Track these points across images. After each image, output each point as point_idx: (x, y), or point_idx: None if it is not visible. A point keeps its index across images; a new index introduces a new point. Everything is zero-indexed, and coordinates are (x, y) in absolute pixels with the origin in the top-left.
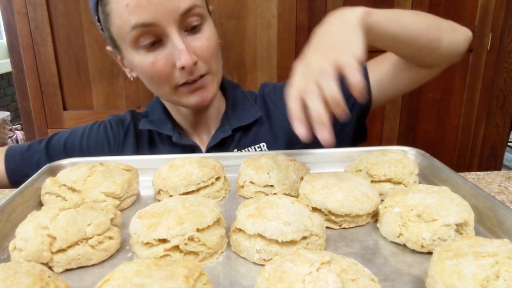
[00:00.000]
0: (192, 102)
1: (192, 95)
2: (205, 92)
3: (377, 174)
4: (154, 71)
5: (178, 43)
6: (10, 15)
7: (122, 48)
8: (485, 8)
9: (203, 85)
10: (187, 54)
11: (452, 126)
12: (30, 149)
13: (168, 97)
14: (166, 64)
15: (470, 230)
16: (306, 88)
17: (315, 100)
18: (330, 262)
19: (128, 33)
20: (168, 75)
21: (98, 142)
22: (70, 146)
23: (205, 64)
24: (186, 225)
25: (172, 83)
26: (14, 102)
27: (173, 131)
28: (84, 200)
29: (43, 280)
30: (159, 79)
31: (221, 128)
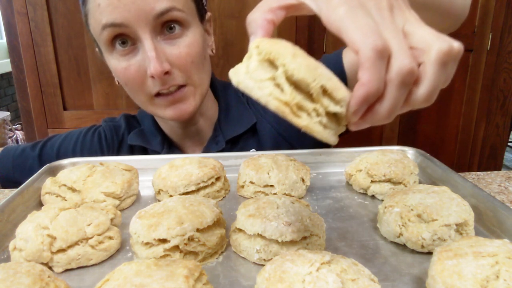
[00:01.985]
0: (169, 115)
1: (169, 108)
2: (184, 105)
3: (377, 174)
4: (128, 77)
5: (148, 49)
6: (10, 15)
7: (102, 51)
8: (485, 8)
9: (181, 97)
10: (156, 62)
11: (452, 126)
12: (23, 154)
13: (145, 107)
14: (139, 70)
15: (470, 230)
16: (401, 62)
17: (405, 89)
18: (330, 262)
19: (100, 33)
20: (141, 83)
21: (91, 150)
22: (63, 154)
23: (182, 74)
24: (186, 225)
25: (146, 92)
26: (14, 102)
27: (162, 145)
28: (84, 200)
29: (43, 280)
30: (133, 86)
31: (214, 139)
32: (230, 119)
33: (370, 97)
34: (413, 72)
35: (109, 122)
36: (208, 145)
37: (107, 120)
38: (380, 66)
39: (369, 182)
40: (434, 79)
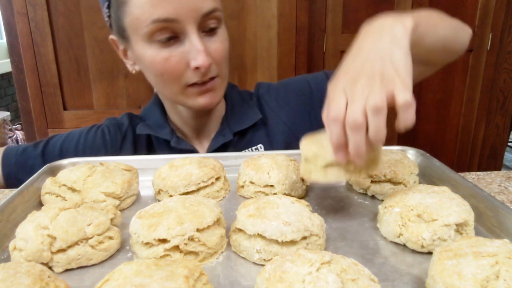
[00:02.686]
0: (200, 104)
1: (201, 96)
2: (213, 94)
3: (377, 174)
4: (166, 67)
5: (197, 43)
6: (10, 15)
7: (132, 39)
8: (485, 8)
9: (212, 87)
10: (205, 55)
11: (452, 126)
12: (24, 153)
13: (174, 97)
14: (180, 61)
15: (470, 230)
16: (351, 117)
17: (359, 134)
18: (330, 262)
19: (147, 25)
20: (180, 73)
21: (94, 147)
22: (65, 152)
23: (217, 67)
24: (186, 225)
25: (182, 82)
26: (14, 102)
27: (171, 135)
28: (84, 200)
29: (43, 280)
30: (170, 76)
31: (221, 132)
32: (236, 115)
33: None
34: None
35: (112, 120)
36: (216, 138)
37: (109, 119)
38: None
39: (369, 182)
40: (371, 125)
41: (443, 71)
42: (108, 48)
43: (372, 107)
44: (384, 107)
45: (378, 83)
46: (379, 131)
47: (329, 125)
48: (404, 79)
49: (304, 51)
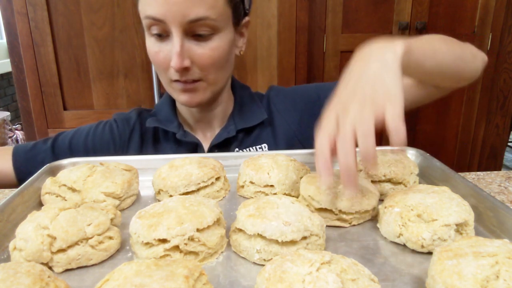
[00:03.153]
0: (181, 100)
1: (182, 94)
2: (194, 95)
3: (377, 174)
4: (156, 60)
5: (176, 45)
6: (10, 15)
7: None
8: (485, 8)
9: (193, 88)
10: (178, 58)
11: (452, 126)
12: (34, 148)
13: (166, 87)
14: (166, 58)
15: (470, 230)
16: (341, 136)
17: (348, 154)
18: (330, 262)
19: (143, 19)
20: (165, 68)
21: (103, 141)
22: (75, 146)
23: (200, 71)
24: (186, 225)
25: (167, 76)
26: (14, 102)
27: (178, 128)
28: (84, 200)
29: (43, 280)
30: (159, 68)
31: (226, 128)
32: (243, 113)
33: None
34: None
35: (120, 115)
36: (220, 133)
37: (118, 114)
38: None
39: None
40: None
41: None
42: (108, 48)
43: (361, 133)
44: (371, 133)
45: (368, 108)
46: (368, 151)
47: (318, 138)
48: (394, 103)
49: (304, 51)
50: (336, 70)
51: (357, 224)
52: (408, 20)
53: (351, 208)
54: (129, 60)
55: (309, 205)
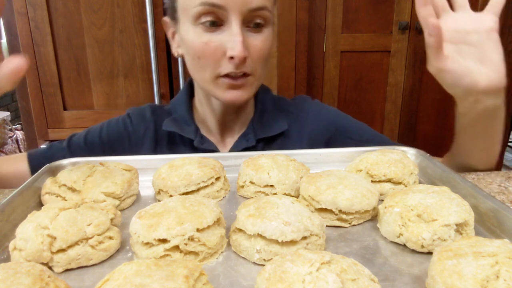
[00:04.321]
0: (227, 97)
1: (229, 90)
2: (242, 91)
3: (377, 174)
4: (204, 51)
5: (237, 33)
6: (10, 15)
7: (180, 20)
8: None
9: (243, 84)
10: (242, 46)
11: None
12: (51, 148)
13: (206, 84)
14: (218, 48)
15: (470, 230)
16: None
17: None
18: (330, 262)
19: (194, 7)
20: (216, 60)
21: (119, 135)
22: (90, 143)
23: (253, 64)
24: (186, 225)
25: (215, 71)
26: (14, 102)
27: (195, 134)
28: (84, 200)
29: (43, 280)
30: (206, 61)
31: (245, 136)
32: (264, 121)
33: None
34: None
35: (135, 110)
36: (239, 140)
37: (132, 109)
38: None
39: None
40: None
41: None
42: (108, 48)
43: None
44: None
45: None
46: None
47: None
48: None
49: (304, 50)
50: (336, 70)
51: (357, 224)
52: (408, 20)
53: (351, 208)
54: (129, 60)
55: (309, 205)
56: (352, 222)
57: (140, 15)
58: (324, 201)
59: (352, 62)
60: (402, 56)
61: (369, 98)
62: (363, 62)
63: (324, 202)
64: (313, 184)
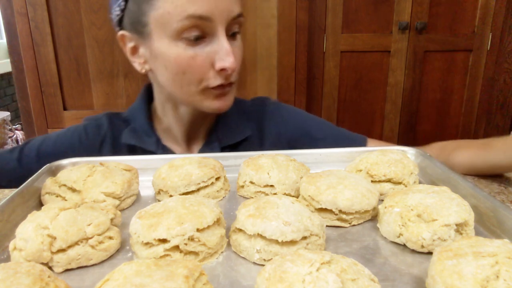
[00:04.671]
0: (215, 107)
1: (217, 99)
2: (227, 99)
3: (377, 174)
4: (191, 66)
5: (226, 45)
6: (10, 15)
7: (155, 35)
8: (485, 8)
9: (228, 92)
10: (233, 57)
11: (452, 126)
12: (0, 158)
13: (191, 97)
14: (205, 61)
15: (470, 230)
16: None
17: None
18: (330, 262)
19: (179, 21)
20: (203, 73)
21: (73, 148)
22: (43, 155)
23: (235, 72)
24: (186, 225)
25: (203, 83)
26: (14, 102)
27: (156, 145)
28: (84, 200)
29: (43, 280)
30: (193, 76)
31: (210, 144)
32: (227, 128)
33: None
34: None
35: (91, 121)
36: (203, 150)
37: (88, 119)
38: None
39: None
40: None
41: (443, 71)
42: (108, 48)
43: None
44: None
45: None
46: None
47: None
48: None
49: (304, 51)
50: (336, 70)
51: (357, 224)
52: (408, 20)
53: (351, 208)
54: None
55: (309, 205)
56: (352, 222)
57: None
58: (324, 201)
59: (352, 62)
60: (402, 56)
61: (369, 98)
62: (363, 62)
63: (324, 202)
64: (313, 184)
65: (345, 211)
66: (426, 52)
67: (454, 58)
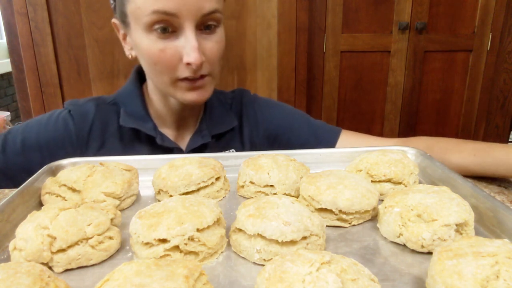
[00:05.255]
0: (188, 99)
1: (189, 92)
2: (202, 92)
3: (377, 174)
4: (161, 58)
5: (192, 40)
6: (10, 15)
7: (132, 27)
8: (485, 8)
9: (202, 85)
10: (197, 53)
11: (452, 126)
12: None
13: (165, 88)
14: (174, 55)
15: (470, 230)
16: None
17: None
18: (330, 262)
19: (146, 15)
20: (173, 66)
21: (57, 139)
22: (28, 148)
23: (209, 65)
24: (186, 225)
25: (173, 76)
26: (14, 102)
27: (154, 131)
28: (84, 200)
29: (43, 280)
30: (163, 67)
31: (200, 132)
32: (214, 118)
33: None
34: None
35: (75, 106)
36: (194, 137)
37: (71, 103)
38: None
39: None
40: None
41: (443, 71)
42: (108, 48)
43: None
44: None
45: None
46: None
47: None
48: None
49: (304, 51)
50: (336, 70)
51: (357, 224)
52: (408, 20)
53: (351, 208)
54: (129, 60)
55: (309, 205)
56: (352, 222)
57: None
58: (324, 201)
59: (352, 62)
60: (402, 56)
61: (369, 98)
62: (363, 62)
63: (324, 202)
64: (313, 184)
65: (345, 211)
66: (426, 52)
67: (454, 58)
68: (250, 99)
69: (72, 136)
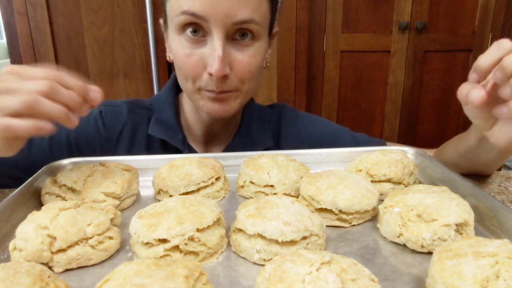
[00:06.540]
0: (208, 109)
1: (212, 103)
2: (226, 105)
3: (377, 174)
4: (185, 63)
5: (218, 48)
6: (10, 15)
7: (169, 27)
8: (485, 8)
9: (223, 98)
10: (220, 64)
11: (452, 126)
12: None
13: (190, 94)
14: (199, 62)
15: (470, 230)
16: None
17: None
18: (330, 262)
19: (176, 16)
20: (196, 74)
21: (89, 137)
22: (56, 144)
23: (237, 80)
24: (186, 225)
25: (197, 84)
26: None
27: (182, 143)
28: (84, 200)
29: (43, 280)
30: (187, 73)
31: (231, 149)
32: (251, 136)
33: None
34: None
35: (108, 106)
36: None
37: (105, 105)
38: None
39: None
40: None
41: (443, 71)
42: (108, 48)
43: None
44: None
45: None
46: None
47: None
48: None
49: (304, 50)
50: (336, 69)
51: (357, 224)
52: (408, 20)
53: (351, 208)
54: (129, 60)
55: (309, 205)
56: (352, 222)
57: (140, 15)
58: (324, 201)
59: (352, 62)
60: (402, 56)
61: (369, 98)
62: (363, 62)
63: (324, 202)
64: (313, 184)
65: (345, 211)
66: (426, 52)
67: (454, 58)
68: (291, 116)
69: (101, 136)
